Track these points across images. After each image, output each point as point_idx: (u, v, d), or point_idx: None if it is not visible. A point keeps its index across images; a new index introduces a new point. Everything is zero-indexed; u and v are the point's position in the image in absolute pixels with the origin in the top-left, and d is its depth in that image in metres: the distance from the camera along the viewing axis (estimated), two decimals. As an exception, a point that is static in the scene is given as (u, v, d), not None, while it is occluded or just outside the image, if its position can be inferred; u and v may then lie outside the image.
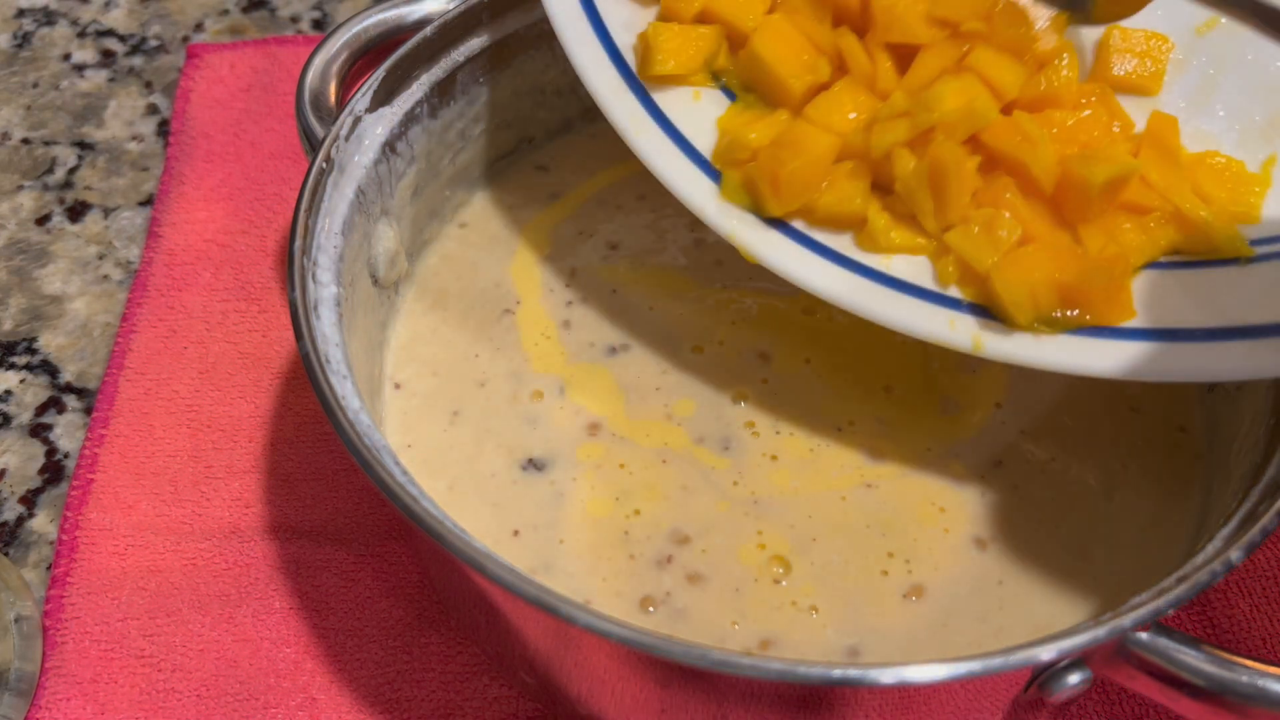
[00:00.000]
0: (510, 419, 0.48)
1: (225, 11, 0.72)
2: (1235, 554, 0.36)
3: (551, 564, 0.44)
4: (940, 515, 0.45)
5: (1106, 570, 0.43)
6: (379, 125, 0.48)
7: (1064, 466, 0.46)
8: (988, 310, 0.42)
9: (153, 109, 0.67)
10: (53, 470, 0.53)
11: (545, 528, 0.45)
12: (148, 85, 0.68)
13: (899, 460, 0.46)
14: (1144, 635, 0.35)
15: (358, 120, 0.47)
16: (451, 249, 0.53)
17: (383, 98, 0.48)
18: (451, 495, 0.46)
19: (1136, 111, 0.45)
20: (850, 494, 0.45)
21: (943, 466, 0.46)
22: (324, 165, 0.45)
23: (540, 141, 0.57)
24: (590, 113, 0.55)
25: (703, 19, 0.47)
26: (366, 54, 0.51)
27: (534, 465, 0.46)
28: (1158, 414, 0.48)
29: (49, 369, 0.56)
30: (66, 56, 0.70)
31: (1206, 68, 0.46)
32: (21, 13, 0.72)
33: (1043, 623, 0.42)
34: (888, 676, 0.33)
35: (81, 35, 0.71)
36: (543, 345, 0.50)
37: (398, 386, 0.49)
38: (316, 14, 0.72)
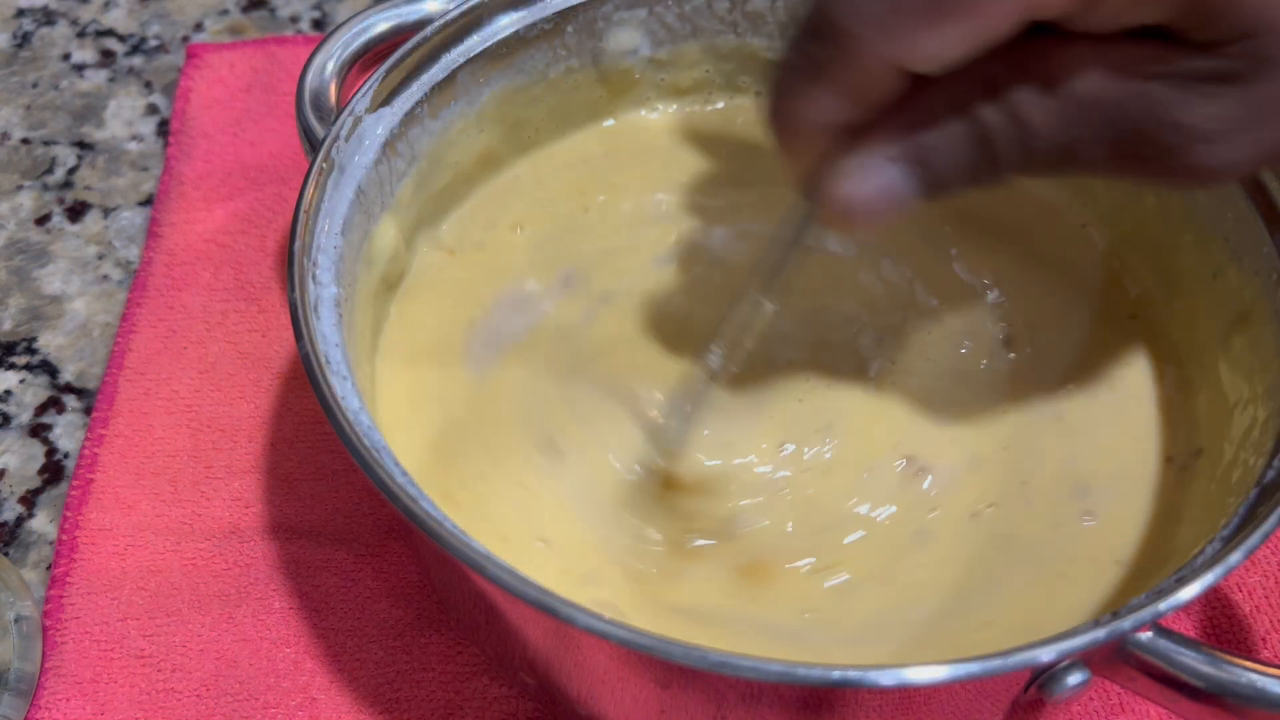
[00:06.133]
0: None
1: (225, 11, 0.72)
2: (1235, 555, 0.36)
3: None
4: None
5: (1106, 570, 0.43)
6: (379, 125, 0.48)
7: (1068, 458, 0.46)
8: None
9: (152, 109, 0.67)
10: (52, 470, 0.53)
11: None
12: (147, 85, 0.68)
13: None
14: (1143, 636, 0.35)
15: (358, 120, 0.47)
16: (452, 247, 0.53)
17: (383, 98, 0.48)
18: None
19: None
20: None
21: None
22: (324, 165, 0.45)
23: (540, 141, 0.57)
24: (590, 113, 0.55)
25: None
26: (366, 54, 0.51)
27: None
28: None
29: (49, 369, 0.56)
30: (66, 56, 0.70)
31: None
32: (21, 12, 0.72)
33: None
34: (887, 678, 0.33)
35: (81, 35, 0.71)
36: None
37: None
38: (316, 14, 0.72)
